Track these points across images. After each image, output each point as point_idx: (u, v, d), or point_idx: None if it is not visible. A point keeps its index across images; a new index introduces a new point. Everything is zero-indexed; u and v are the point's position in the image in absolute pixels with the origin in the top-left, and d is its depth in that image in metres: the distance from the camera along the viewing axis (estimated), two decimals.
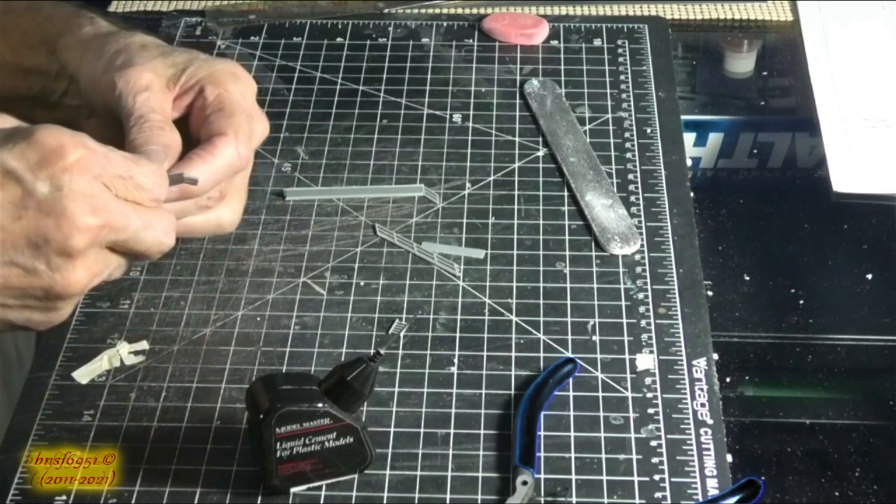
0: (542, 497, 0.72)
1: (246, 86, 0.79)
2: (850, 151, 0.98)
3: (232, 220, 0.80)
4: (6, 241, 0.65)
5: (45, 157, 0.64)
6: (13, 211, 0.64)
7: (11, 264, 0.65)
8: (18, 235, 0.65)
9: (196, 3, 1.14)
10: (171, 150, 0.74)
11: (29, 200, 0.64)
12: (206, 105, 0.77)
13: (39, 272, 0.66)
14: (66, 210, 0.65)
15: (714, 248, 0.91)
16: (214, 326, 0.83)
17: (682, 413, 0.77)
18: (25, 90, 0.85)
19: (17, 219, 0.64)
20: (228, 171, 0.76)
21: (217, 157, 0.75)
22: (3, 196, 0.64)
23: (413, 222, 0.91)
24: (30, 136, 0.65)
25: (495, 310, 0.84)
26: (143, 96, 0.75)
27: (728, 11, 1.14)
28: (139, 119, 0.74)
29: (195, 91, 0.78)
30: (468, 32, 1.10)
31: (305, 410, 0.69)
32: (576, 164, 0.95)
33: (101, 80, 0.78)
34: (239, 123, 0.76)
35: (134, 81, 0.76)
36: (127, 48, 0.79)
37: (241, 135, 0.76)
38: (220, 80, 0.78)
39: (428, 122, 1.00)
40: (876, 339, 0.85)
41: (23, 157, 0.64)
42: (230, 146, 0.75)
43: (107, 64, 0.78)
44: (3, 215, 0.64)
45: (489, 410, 0.77)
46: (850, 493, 0.74)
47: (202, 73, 0.78)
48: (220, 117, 0.76)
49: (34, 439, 0.76)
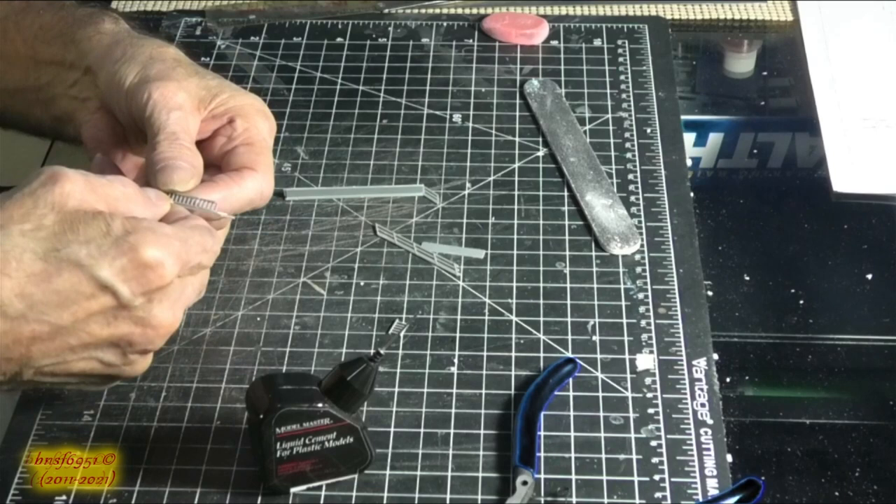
0: (542, 497, 0.72)
1: (272, 126, 0.82)
2: (850, 151, 0.98)
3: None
4: (91, 344, 0.67)
5: (145, 276, 0.66)
6: (104, 320, 0.67)
7: (91, 359, 0.68)
8: (105, 339, 0.67)
9: (196, 3, 1.14)
10: (196, 171, 0.75)
11: (122, 311, 0.67)
12: (234, 136, 0.79)
13: (114, 366, 0.69)
14: (154, 319, 0.67)
15: (714, 248, 0.91)
16: (214, 326, 0.83)
17: (682, 413, 0.77)
18: (33, 82, 0.86)
19: (107, 325, 0.67)
20: (248, 205, 0.78)
21: (243, 188, 0.77)
22: (98, 307, 0.66)
23: (413, 222, 0.91)
24: (132, 252, 0.66)
25: (495, 310, 0.84)
26: (177, 115, 0.77)
27: (728, 11, 1.14)
28: (171, 135, 0.76)
29: (223, 120, 0.80)
30: (468, 32, 1.10)
31: (305, 410, 0.69)
32: (576, 164, 0.95)
33: (132, 84, 0.78)
34: (268, 163, 0.79)
35: (169, 97, 0.77)
36: (161, 58, 0.80)
37: (268, 174, 0.79)
38: (251, 115, 0.80)
39: (428, 122, 1.00)
40: (876, 339, 0.85)
41: (123, 274, 0.66)
42: (257, 181, 0.77)
43: (141, 69, 0.79)
44: (94, 323, 0.66)
45: (489, 410, 0.77)
46: (850, 493, 0.74)
47: (232, 103, 0.80)
48: (250, 152, 0.78)
49: (34, 439, 0.76)
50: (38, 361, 0.67)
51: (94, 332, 0.66)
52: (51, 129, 0.89)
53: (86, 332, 0.66)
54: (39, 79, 0.85)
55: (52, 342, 0.66)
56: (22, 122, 0.90)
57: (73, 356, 0.67)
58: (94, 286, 0.65)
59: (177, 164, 0.74)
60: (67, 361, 0.67)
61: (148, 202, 0.71)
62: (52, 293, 0.65)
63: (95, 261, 0.65)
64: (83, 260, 0.65)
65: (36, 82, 0.86)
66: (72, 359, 0.67)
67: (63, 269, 0.65)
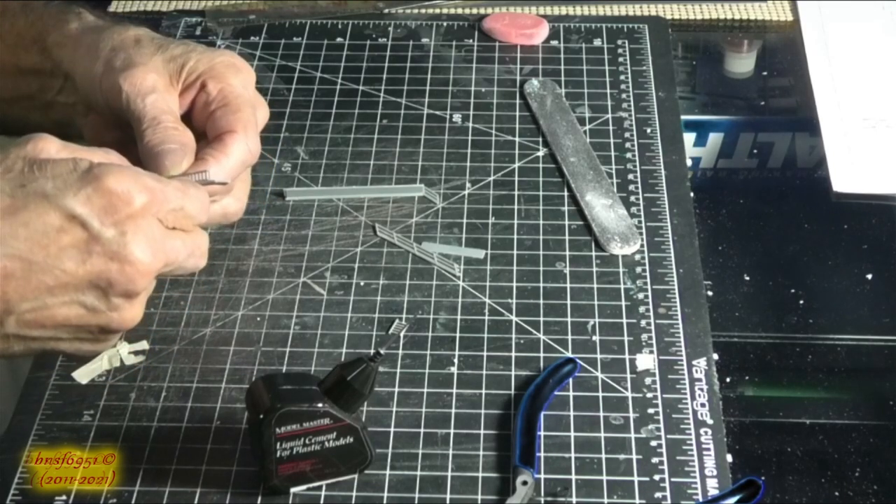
0: (542, 497, 0.72)
1: (246, 76, 0.80)
2: (850, 151, 0.98)
3: (237, 209, 0.80)
4: (69, 284, 0.66)
5: (111, 203, 0.65)
6: (77, 255, 0.65)
7: (73, 303, 0.67)
8: (82, 278, 0.66)
9: (196, 3, 1.14)
10: (187, 148, 0.75)
11: (94, 245, 0.65)
12: (209, 101, 0.78)
13: (99, 311, 0.67)
14: (130, 255, 0.66)
15: (714, 248, 0.91)
16: (214, 326, 0.83)
17: (682, 413, 0.77)
18: (25, 90, 0.85)
19: (82, 262, 0.66)
20: (241, 167, 0.77)
21: (230, 155, 0.76)
22: (69, 240, 0.65)
23: (413, 222, 0.91)
24: (96, 180, 0.65)
25: (495, 310, 0.84)
26: (152, 98, 0.76)
27: (728, 11, 1.14)
28: (153, 121, 0.75)
29: (197, 87, 0.78)
30: (468, 32, 1.10)
31: (305, 410, 0.69)
32: (576, 164, 0.95)
33: (102, 81, 0.78)
34: (246, 119, 0.77)
35: (139, 83, 0.76)
36: (122, 45, 0.79)
37: (249, 130, 0.77)
38: (221, 73, 0.78)
39: (428, 122, 1.00)
40: (876, 339, 0.85)
41: (89, 203, 0.65)
42: (241, 142, 0.76)
43: (105, 64, 0.78)
44: (67, 259, 0.65)
45: (489, 410, 0.77)
46: (850, 493, 0.74)
47: (202, 67, 0.79)
48: (227, 113, 0.77)
49: (34, 439, 0.76)
50: (18, 306, 0.65)
51: (68, 269, 0.65)
52: (55, 133, 0.88)
53: (60, 269, 0.65)
54: (30, 87, 0.85)
55: (26, 281, 0.65)
56: (24, 128, 0.90)
57: (53, 299, 0.66)
58: (61, 217, 0.65)
59: (166, 147, 0.74)
60: (48, 306, 0.66)
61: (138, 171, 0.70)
62: (20, 226, 0.64)
63: (61, 192, 0.65)
64: (48, 191, 0.65)
65: (27, 90, 0.85)
66: (52, 302, 0.66)
67: (30, 201, 0.64)
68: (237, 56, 0.81)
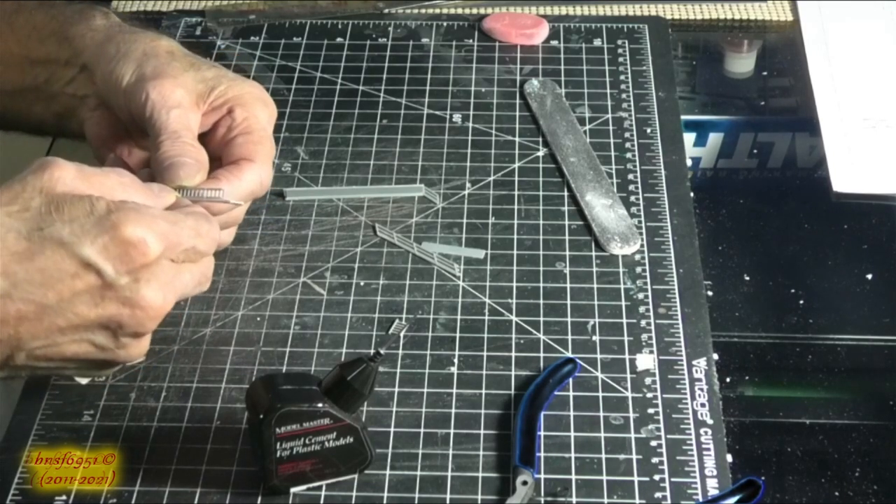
0: (542, 497, 0.72)
1: (271, 113, 0.82)
2: (850, 151, 0.98)
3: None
4: (80, 325, 0.67)
5: (127, 253, 0.66)
6: (90, 300, 0.66)
7: (82, 341, 0.68)
8: (94, 321, 0.67)
9: (196, 3, 1.14)
10: (202, 165, 0.76)
11: (108, 291, 0.66)
12: (233, 126, 0.80)
13: (107, 349, 0.69)
14: (142, 300, 0.67)
15: (714, 248, 0.91)
16: (214, 326, 0.83)
17: (682, 413, 0.77)
18: (31, 82, 0.86)
19: (94, 306, 0.66)
20: (249, 196, 0.79)
21: (243, 180, 0.78)
22: (83, 286, 0.66)
23: (413, 222, 0.91)
24: (113, 229, 0.66)
25: (495, 310, 0.84)
26: (176, 112, 0.77)
27: (728, 11, 1.14)
28: (173, 134, 0.76)
29: (223, 111, 0.80)
30: (468, 32, 1.10)
31: (305, 410, 0.69)
32: (576, 164, 0.95)
33: (128, 82, 0.79)
34: (266, 152, 0.79)
35: (167, 95, 0.78)
36: (154, 53, 0.80)
37: (266, 163, 0.79)
38: (249, 104, 0.80)
39: (428, 122, 1.00)
40: (876, 339, 0.85)
41: (105, 252, 0.65)
42: (256, 172, 0.78)
43: (137, 68, 0.79)
44: (80, 303, 0.66)
45: (489, 410, 0.77)
46: (850, 493, 0.74)
47: (231, 93, 0.81)
48: (248, 141, 0.79)
49: (34, 439, 0.76)
50: (29, 343, 0.66)
51: (81, 313, 0.66)
52: (53, 125, 0.89)
53: (73, 313, 0.66)
54: (37, 78, 0.86)
55: (39, 322, 0.66)
56: (23, 121, 0.90)
57: (64, 338, 0.67)
58: (77, 264, 0.65)
59: (182, 160, 0.75)
60: (58, 344, 0.67)
61: (148, 192, 0.71)
62: (36, 271, 0.65)
63: (77, 238, 0.65)
64: (65, 238, 0.65)
65: (33, 82, 0.86)
66: (62, 341, 0.67)
67: (46, 247, 0.65)
68: (264, 90, 0.83)
